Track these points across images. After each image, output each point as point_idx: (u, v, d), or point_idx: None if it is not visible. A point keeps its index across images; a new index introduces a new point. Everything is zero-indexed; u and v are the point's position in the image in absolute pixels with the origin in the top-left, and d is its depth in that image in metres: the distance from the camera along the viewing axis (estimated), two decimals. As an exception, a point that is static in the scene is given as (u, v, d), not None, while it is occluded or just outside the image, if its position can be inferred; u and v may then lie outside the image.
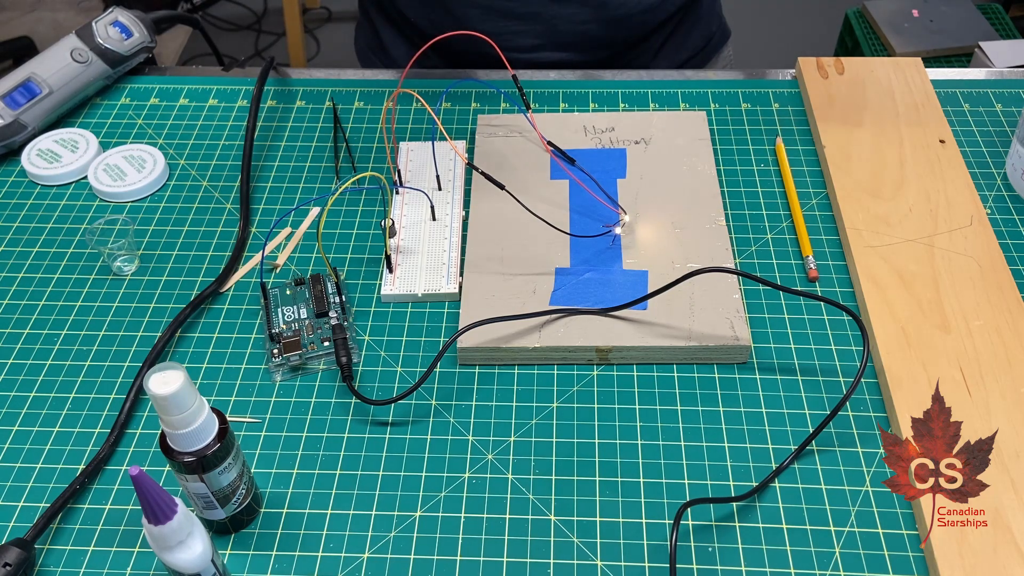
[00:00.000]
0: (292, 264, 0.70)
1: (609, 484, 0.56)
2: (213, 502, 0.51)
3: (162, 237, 0.72)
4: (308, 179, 0.76)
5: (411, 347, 0.64)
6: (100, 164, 0.77)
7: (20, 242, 0.72)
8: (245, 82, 0.85)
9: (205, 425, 0.48)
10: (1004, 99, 0.81)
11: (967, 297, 0.63)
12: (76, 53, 0.80)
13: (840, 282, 0.66)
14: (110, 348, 0.64)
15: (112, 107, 0.84)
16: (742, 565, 0.52)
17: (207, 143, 0.80)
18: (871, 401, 0.59)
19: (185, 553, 0.46)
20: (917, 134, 0.75)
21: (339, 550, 0.53)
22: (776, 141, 0.77)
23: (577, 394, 0.60)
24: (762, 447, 0.57)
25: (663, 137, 0.75)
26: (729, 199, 0.73)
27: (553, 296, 0.64)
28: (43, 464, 0.58)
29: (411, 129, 0.80)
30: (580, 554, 0.53)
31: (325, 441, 0.59)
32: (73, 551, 0.54)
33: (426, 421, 0.59)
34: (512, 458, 0.57)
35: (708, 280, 0.63)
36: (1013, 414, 0.57)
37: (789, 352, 0.62)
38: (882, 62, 0.82)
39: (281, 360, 0.61)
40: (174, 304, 0.67)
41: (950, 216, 0.68)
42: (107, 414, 0.61)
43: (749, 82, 0.83)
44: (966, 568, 0.50)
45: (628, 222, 0.68)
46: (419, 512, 0.55)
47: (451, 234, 0.69)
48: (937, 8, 1.85)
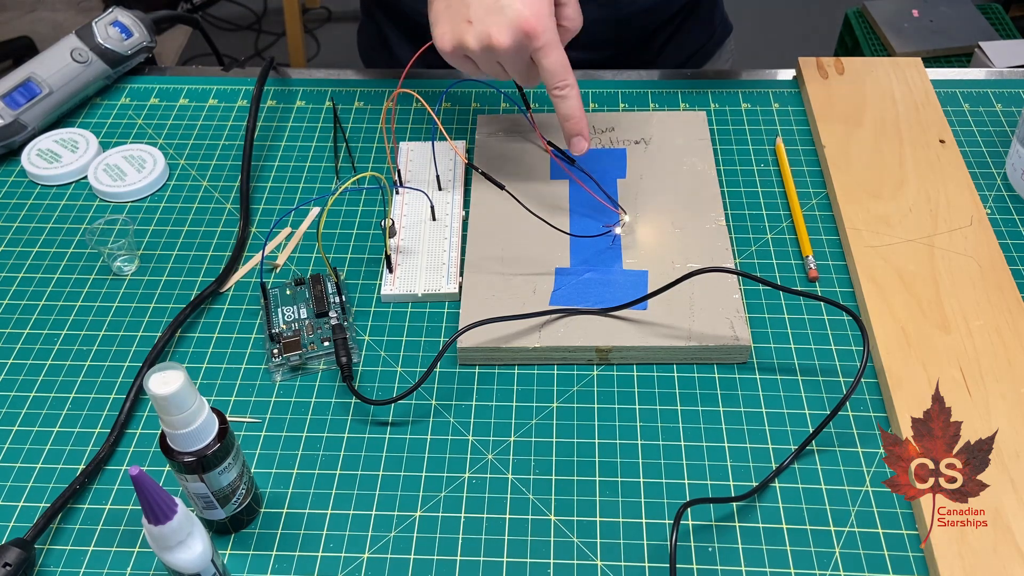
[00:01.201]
0: (292, 264, 0.70)
1: (609, 484, 0.56)
2: (213, 502, 0.51)
3: (162, 237, 0.72)
4: (308, 179, 0.76)
5: (411, 347, 0.64)
6: (100, 164, 0.77)
7: (20, 242, 0.72)
8: (245, 82, 0.85)
9: (205, 425, 0.48)
10: (1004, 99, 0.81)
11: (967, 297, 0.63)
12: (76, 53, 0.80)
13: (840, 282, 0.66)
14: (110, 348, 0.64)
15: (112, 107, 0.84)
16: (742, 565, 0.52)
17: (207, 143, 0.80)
18: (871, 401, 0.59)
19: (185, 553, 0.46)
20: (917, 134, 0.75)
21: (339, 550, 0.53)
22: (776, 141, 0.77)
23: (577, 394, 0.60)
24: (762, 447, 0.57)
25: (663, 137, 0.75)
26: (729, 199, 0.73)
27: (553, 296, 0.64)
28: (43, 464, 0.58)
29: (411, 129, 0.80)
30: (580, 554, 0.53)
31: (325, 441, 0.59)
32: (73, 551, 0.54)
33: (426, 421, 0.59)
34: (512, 458, 0.57)
35: (708, 280, 0.63)
36: (1013, 414, 0.57)
37: (789, 352, 0.62)
38: (882, 62, 0.82)
39: (281, 360, 0.61)
40: (174, 304, 0.67)
41: (950, 216, 0.68)
42: (107, 414, 0.61)
43: (749, 82, 0.83)
44: (966, 568, 0.50)
45: (628, 222, 0.68)
46: (419, 512, 0.55)
47: (451, 234, 0.69)
48: (937, 8, 1.85)
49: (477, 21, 0.60)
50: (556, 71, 0.62)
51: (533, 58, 0.61)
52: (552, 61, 0.61)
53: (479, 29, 0.60)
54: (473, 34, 0.60)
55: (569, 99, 0.63)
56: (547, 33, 0.60)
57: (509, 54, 0.60)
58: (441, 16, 0.62)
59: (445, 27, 0.61)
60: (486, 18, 0.59)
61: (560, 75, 0.62)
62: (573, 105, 0.63)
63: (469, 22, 0.60)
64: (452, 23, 0.61)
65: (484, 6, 0.59)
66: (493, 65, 0.62)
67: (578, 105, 0.64)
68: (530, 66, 0.62)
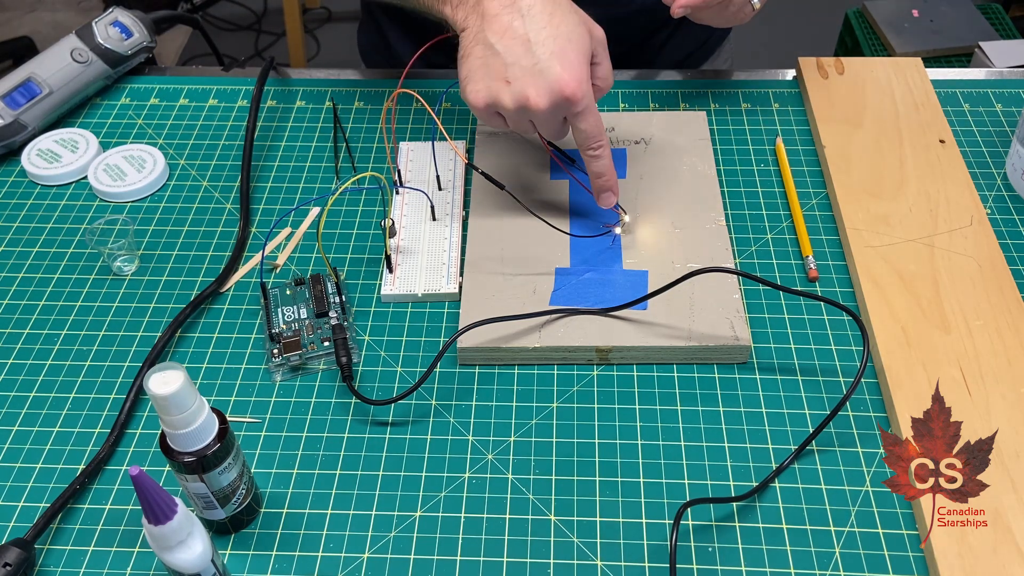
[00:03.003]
0: (292, 264, 0.70)
1: (609, 484, 0.56)
2: (213, 502, 0.51)
3: (162, 237, 0.72)
4: (308, 179, 0.76)
5: (411, 347, 0.64)
6: (100, 164, 0.77)
7: (20, 242, 0.72)
8: (245, 82, 0.85)
9: (205, 425, 0.48)
10: (1004, 99, 0.81)
11: (967, 297, 0.63)
12: (76, 53, 0.80)
13: (840, 282, 0.66)
14: (110, 348, 0.64)
15: (112, 107, 0.84)
16: (742, 565, 0.52)
17: (207, 143, 0.80)
18: (871, 401, 0.59)
19: (185, 553, 0.46)
20: (917, 134, 0.75)
21: (339, 550, 0.53)
22: (776, 141, 0.77)
23: (577, 394, 0.60)
24: (762, 447, 0.57)
25: (663, 137, 0.75)
26: (729, 199, 0.73)
27: (553, 296, 0.64)
28: (43, 464, 0.58)
29: (411, 129, 0.80)
30: (580, 554, 0.53)
31: (325, 441, 0.59)
32: (73, 551, 0.54)
33: (426, 421, 0.59)
34: (512, 458, 0.57)
35: (708, 280, 0.63)
36: (1013, 414, 0.57)
37: (789, 352, 0.62)
38: (882, 62, 0.82)
39: (281, 360, 0.61)
40: (174, 304, 0.67)
41: (950, 216, 0.68)
42: (107, 414, 0.61)
43: (749, 82, 0.83)
44: (966, 568, 0.50)
45: (628, 222, 0.68)
46: (419, 512, 0.55)
47: (451, 234, 0.69)
48: (937, 8, 1.85)
49: (515, 81, 0.59)
50: (592, 134, 0.62)
51: (568, 120, 0.62)
52: (589, 125, 0.61)
53: (516, 89, 0.59)
54: (510, 94, 0.60)
55: (602, 159, 0.64)
56: (586, 99, 0.60)
57: (545, 116, 0.60)
58: (476, 73, 0.61)
59: (480, 84, 0.61)
60: (524, 79, 0.59)
61: (595, 138, 0.62)
62: (605, 165, 0.64)
63: (507, 82, 0.60)
64: (487, 81, 0.60)
65: (522, 68, 0.59)
66: (525, 123, 0.62)
67: (610, 164, 0.64)
68: (561, 125, 0.63)
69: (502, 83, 0.60)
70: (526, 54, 0.59)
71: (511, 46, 0.59)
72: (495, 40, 0.60)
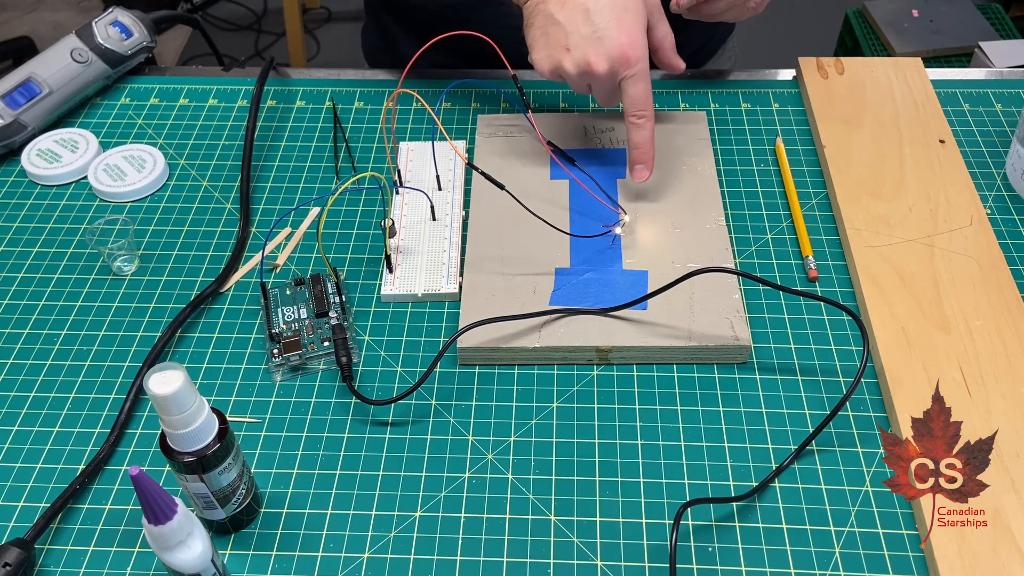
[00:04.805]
0: (292, 264, 0.70)
1: (609, 484, 0.56)
2: (213, 502, 0.51)
3: (162, 237, 0.72)
4: (308, 179, 0.76)
5: (411, 347, 0.64)
6: (100, 164, 0.77)
7: (20, 242, 0.72)
8: (245, 82, 0.85)
9: (205, 425, 0.48)
10: (1004, 99, 0.81)
11: (967, 297, 0.63)
12: (76, 53, 0.80)
13: (840, 282, 0.66)
14: (110, 348, 0.64)
15: (112, 107, 0.84)
16: (742, 565, 0.52)
17: (207, 143, 0.80)
18: (871, 401, 0.59)
19: (185, 553, 0.46)
20: (917, 134, 0.75)
21: (339, 550, 0.53)
22: (776, 141, 0.77)
23: (577, 394, 0.60)
24: (762, 447, 0.57)
25: (663, 137, 0.75)
26: (729, 199, 0.73)
27: (553, 296, 0.64)
28: (43, 464, 0.58)
29: (411, 129, 0.80)
30: (580, 554, 0.53)
31: (325, 441, 0.59)
32: (73, 551, 0.54)
33: (426, 421, 0.59)
34: (512, 458, 0.57)
35: (708, 280, 0.63)
36: (1013, 414, 0.57)
37: (789, 352, 0.62)
38: (882, 62, 0.82)
39: (281, 360, 0.61)
40: (174, 304, 0.67)
41: (950, 216, 0.68)
42: (107, 414, 0.61)
43: (749, 82, 0.83)
44: (966, 568, 0.50)
45: (628, 222, 0.68)
46: (419, 512, 0.55)
47: (451, 234, 0.69)
48: (937, 8, 1.85)
49: (575, 49, 0.63)
50: (639, 100, 0.65)
51: (621, 84, 0.65)
52: (638, 91, 0.65)
53: (577, 56, 0.63)
54: (571, 61, 0.64)
55: (644, 129, 0.66)
56: (640, 62, 0.64)
57: (603, 79, 0.64)
58: (538, 41, 0.65)
59: (542, 52, 0.65)
60: (584, 46, 0.63)
61: (641, 105, 0.65)
62: (646, 136, 0.67)
63: (567, 49, 0.63)
64: (548, 49, 0.65)
65: (582, 36, 0.63)
66: (584, 87, 0.66)
67: (651, 136, 0.67)
68: (615, 90, 0.66)
69: (563, 51, 0.64)
70: (585, 23, 0.63)
71: (571, 16, 0.63)
72: (555, 10, 0.64)
